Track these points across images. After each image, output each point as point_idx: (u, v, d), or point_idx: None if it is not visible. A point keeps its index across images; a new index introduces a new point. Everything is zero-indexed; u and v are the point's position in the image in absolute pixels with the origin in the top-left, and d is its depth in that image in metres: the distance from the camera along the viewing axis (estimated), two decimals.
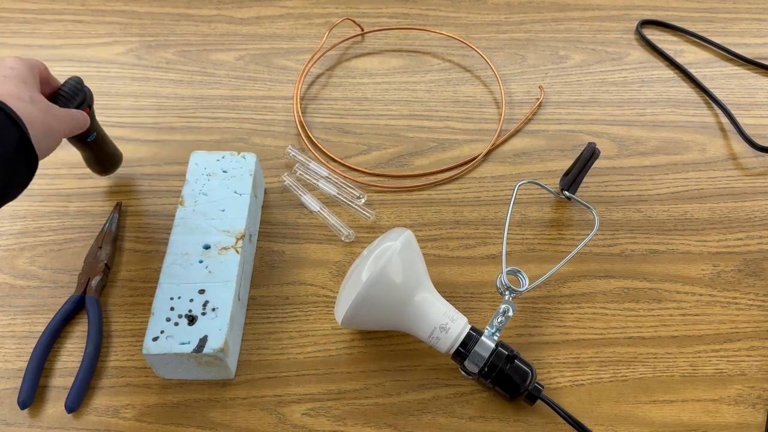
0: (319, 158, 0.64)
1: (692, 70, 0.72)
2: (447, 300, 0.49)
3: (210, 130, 0.66)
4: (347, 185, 0.61)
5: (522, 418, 0.48)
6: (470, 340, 0.46)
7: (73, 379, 0.48)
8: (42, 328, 0.51)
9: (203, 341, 0.45)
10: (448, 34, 0.75)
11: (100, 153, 0.58)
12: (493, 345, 0.46)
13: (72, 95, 0.50)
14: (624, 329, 0.53)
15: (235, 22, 0.76)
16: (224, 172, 0.56)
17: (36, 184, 0.60)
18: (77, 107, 0.51)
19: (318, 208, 0.58)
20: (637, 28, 0.76)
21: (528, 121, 0.68)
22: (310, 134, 0.65)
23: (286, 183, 0.60)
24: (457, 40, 0.74)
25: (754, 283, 0.56)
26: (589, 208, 0.57)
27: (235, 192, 0.54)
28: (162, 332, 0.46)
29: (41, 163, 0.65)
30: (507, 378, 0.46)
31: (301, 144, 0.65)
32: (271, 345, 0.51)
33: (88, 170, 0.60)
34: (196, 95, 0.68)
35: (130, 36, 0.74)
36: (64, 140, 0.56)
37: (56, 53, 0.72)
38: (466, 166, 0.64)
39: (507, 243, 0.56)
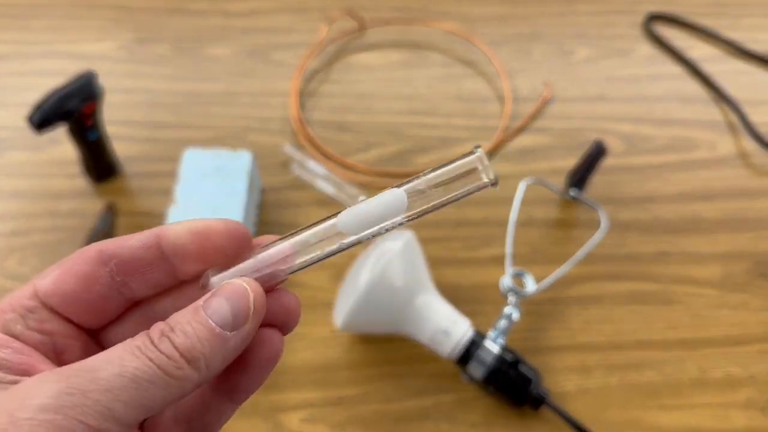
0: (317, 156, 0.62)
1: (701, 66, 0.71)
2: (449, 303, 0.48)
3: (204, 127, 0.64)
4: (346, 184, 0.59)
5: (527, 424, 0.47)
6: (473, 345, 0.45)
7: None
8: None
9: None
10: (450, 28, 0.73)
11: (97, 157, 0.56)
12: (496, 349, 0.46)
13: (78, 91, 0.50)
14: (632, 332, 0.52)
15: (230, 15, 0.74)
16: (219, 170, 0.54)
17: (27, 183, 0.59)
18: (83, 101, 0.50)
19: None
20: (644, 22, 0.75)
21: (533, 118, 0.66)
22: (307, 131, 0.64)
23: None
24: (459, 34, 0.73)
25: (764, 285, 0.54)
26: (596, 208, 0.56)
27: (230, 191, 0.53)
28: None
29: (31, 161, 0.64)
30: (511, 383, 0.46)
31: (298, 141, 0.64)
32: None
33: (78, 169, 0.58)
34: (189, 91, 0.67)
35: (123, 31, 0.72)
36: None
37: (48, 49, 0.70)
38: None
39: (511, 244, 0.55)
